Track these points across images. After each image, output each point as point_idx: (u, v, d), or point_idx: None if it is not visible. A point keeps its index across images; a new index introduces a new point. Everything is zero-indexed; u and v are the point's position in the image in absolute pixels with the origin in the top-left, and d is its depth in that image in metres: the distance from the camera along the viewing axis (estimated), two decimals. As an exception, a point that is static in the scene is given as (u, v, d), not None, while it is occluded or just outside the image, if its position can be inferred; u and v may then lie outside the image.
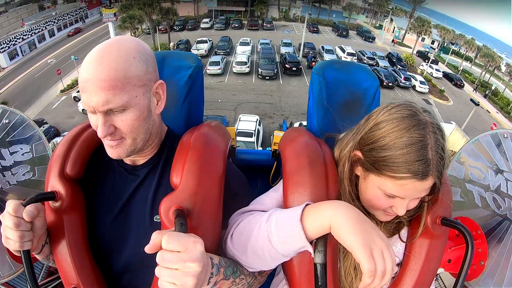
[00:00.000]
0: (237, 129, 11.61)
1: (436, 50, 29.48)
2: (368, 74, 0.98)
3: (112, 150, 0.68)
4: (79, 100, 15.79)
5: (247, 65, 20.69)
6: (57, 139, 11.45)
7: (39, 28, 24.58)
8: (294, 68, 20.60)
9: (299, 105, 16.48)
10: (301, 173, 0.70)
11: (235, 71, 20.54)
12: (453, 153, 1.04)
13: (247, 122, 12.21)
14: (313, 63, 21.59)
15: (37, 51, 23.90)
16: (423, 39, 30.63)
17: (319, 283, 0.56)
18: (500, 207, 0.98)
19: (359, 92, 0.95)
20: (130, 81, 0.63)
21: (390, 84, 20.39)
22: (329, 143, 0.82)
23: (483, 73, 26.51)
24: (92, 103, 0.62)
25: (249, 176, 0.93)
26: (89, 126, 0.80)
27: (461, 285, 0.67)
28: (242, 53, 22.82)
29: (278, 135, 1.37)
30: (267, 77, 19.85)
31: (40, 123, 13.62)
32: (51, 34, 25.99)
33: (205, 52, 23.57)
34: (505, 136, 1.00)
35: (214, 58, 21.34)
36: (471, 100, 19.18)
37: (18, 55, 22.33)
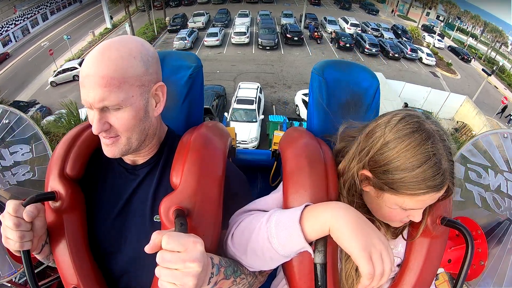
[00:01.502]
0: (236, 96, 11.00)
1: (442, 24, 28.52)
2: (368, 73, 0.98)
3: (108, 149, 0.69)
4: (56, 85, 15.65)
5: (246, 35, 19.76)
6: (50, 118, 11.16)
7: (32, 13, 24.01)
8: (295, 38, 19.67)
9: (302, 74, 15.98)
10: (301, 173, 0.70)
11: (234, 42, 19.67)
12: (464, 124, 1.04)
13: (247, 90, 11.47)
14: (315, 33, 20.98)
15: (31, 36, 23.46)
16: (428, 14, 29.65)
17: (319, 283, 0.56)
18: (500, 207, 0.98)
19: (359, 92, 0.95)
20: (127, 80, 0.63)
21: (396, 55, 19.69)
22: (329, 143, 0.82)
23: (489, 50, 25.76)
24: (89, 99, 0.63)
25: (249, 176, 0.93)
26: (88, 126, 0.80)
27: (461, 285, 0.67)
28: (241, 24, 21.86)
29: (278, 135, 1.37)
30: (267, 47, 18.98)
31: (32, 103, 13.50)
32: (44, 18, 25.32)
33: (202, 24, 22.63)
34: (505, 136, 1.00)
35: (212, 30, 20.50)
36: (483, 70, 18.41)
37: (11, 41, 21.79)
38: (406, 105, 12.73)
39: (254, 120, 10.21)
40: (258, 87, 11.98)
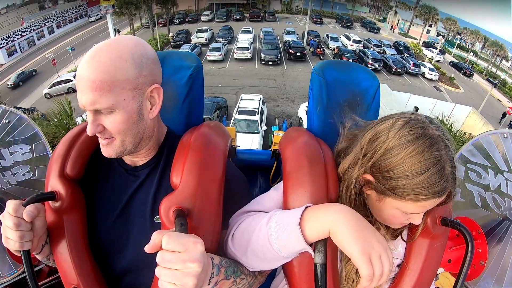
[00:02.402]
0: (238, 107, 10.83)
1: (443, 41, 28.77)
2: (368, 74, 0.98)
3: (104, 149, 0.70)
4: (51, 96, 15.55)
5: (249, 51, 19.89)
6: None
7: (38, 25, 24.45)
8: (298, 54, 19.82)
9: (305, 88, 15.79)
10: (301, 173, 0.70)
11: (236, 57, 19.82)
12: (470, 135, 1.04)
13: (250, 101, 11.32)
14: (318, 50, 21.09)
15: (36, 47, 23.80)
16: (428, 31, 30.02)
17: (319, 283, 0.56)
18: (500, 207, 0.98)
19: (359, 92, 0.95)
20: (118, 84, 0.63)
21: (399, 70, 19.93)
22: (328, 143, 0.82)
23: (490, 65, 25.91)
24: (82, 101, 0.64)
25: (249, 176, 0.93)
26: None
27: (461, 285, 0.67)
28: (244, 40, 21.94)
29: (278, 135, 1.37)
30: (270, 62, 19.12)
31: (31, 111, 13.74)
32: (51, 31, 25.83)
33: (206, 40, 22.98)
34: (505, 136, 1.00)
35: (214, 45, 20.64)
36: (488, 80, 18.50)
37: (17, 52, 22.20)
38: (416, 109, 12.60)
39: (256, 131, 10.00)
40: (260, 98, 11.80)
